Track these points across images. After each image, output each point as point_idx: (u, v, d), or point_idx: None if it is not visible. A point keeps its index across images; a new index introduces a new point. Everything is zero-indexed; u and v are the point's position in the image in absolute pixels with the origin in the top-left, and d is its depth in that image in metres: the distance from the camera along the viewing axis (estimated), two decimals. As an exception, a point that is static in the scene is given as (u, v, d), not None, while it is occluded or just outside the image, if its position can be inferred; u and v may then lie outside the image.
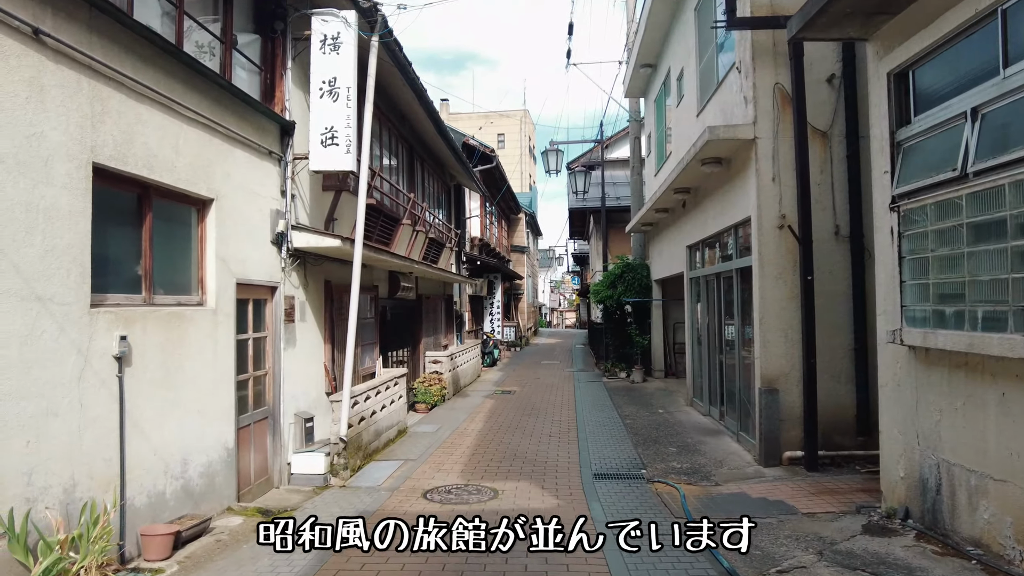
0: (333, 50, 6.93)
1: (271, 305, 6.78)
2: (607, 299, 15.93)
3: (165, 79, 4.88)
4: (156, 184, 4.86)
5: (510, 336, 25.43)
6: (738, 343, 8.48)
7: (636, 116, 17.28)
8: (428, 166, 13.87)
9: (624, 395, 13.02)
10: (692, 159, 8.37)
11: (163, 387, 4.83)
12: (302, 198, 7.37)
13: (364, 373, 9.23)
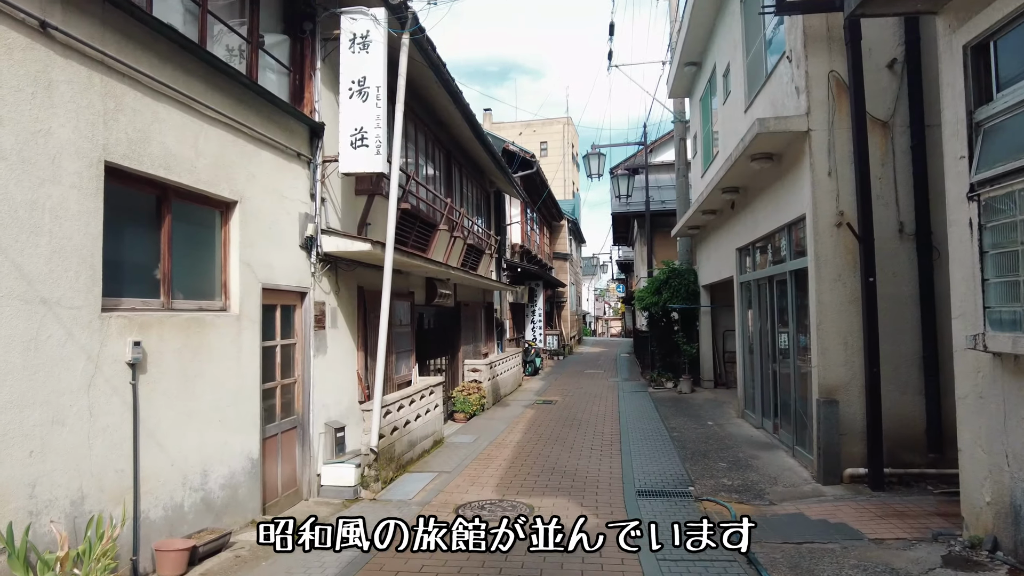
0: (362, 49, 6.75)
1: (300, 311, 6.61)
2: (652, 306, 15.40)
3: (184, 77, 4.74)
4: (175, 185, 4.71)
5: (553, 344, 25.00)
6: (793, 351, 7.92)
7: (681, 117, 16.75)
8: (467, 172, 13.68)
9: (671, 406, 12.47)
10: (741, 155, 7.88)
11: (182, 395, 4.65)
12: (333, 202, 7.20)
13: (399, 381, 9.00)
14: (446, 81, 9.04)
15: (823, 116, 6.83)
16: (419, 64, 8.54)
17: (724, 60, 11.33)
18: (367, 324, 7.94)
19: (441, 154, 11.83)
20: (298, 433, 6.53)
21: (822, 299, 6.75)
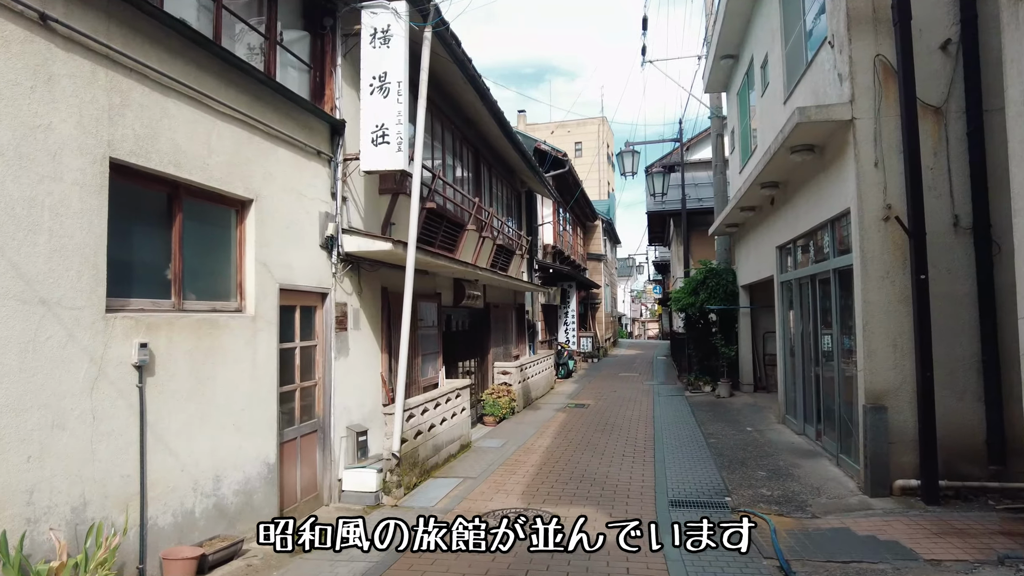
0: (383, 43, 6.59)
1: (321, 312, 6.47)
2: (689, 307, 14.94)
3: (196, 73, 4.63)
4: (186, 183, 4.60)
5: (587, 347, 24.61)
6: (836, 354, 7.46)
7: (718, 112, 16.25)
8: (496, 171, 13.47)
9: (708, 411, 12.03)
10: (780, 147, 7.48)
11: (193, 398, 4.53)
12: (356, 201, 7.06)
13: (425, 384, 8.83)
14: (472, 77, 8.84)
15: (868, 103, 6.40)
16: (444, 60, 8.36)
17: (762, 51, 10.88)
18: (391, 326, 7.78)
19: (469, 153, 11.64)
20: (319, 437, 6.39)
21: (869, 298, 6.32)
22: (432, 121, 9.52)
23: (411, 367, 8.25)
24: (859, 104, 6.42)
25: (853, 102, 6.44)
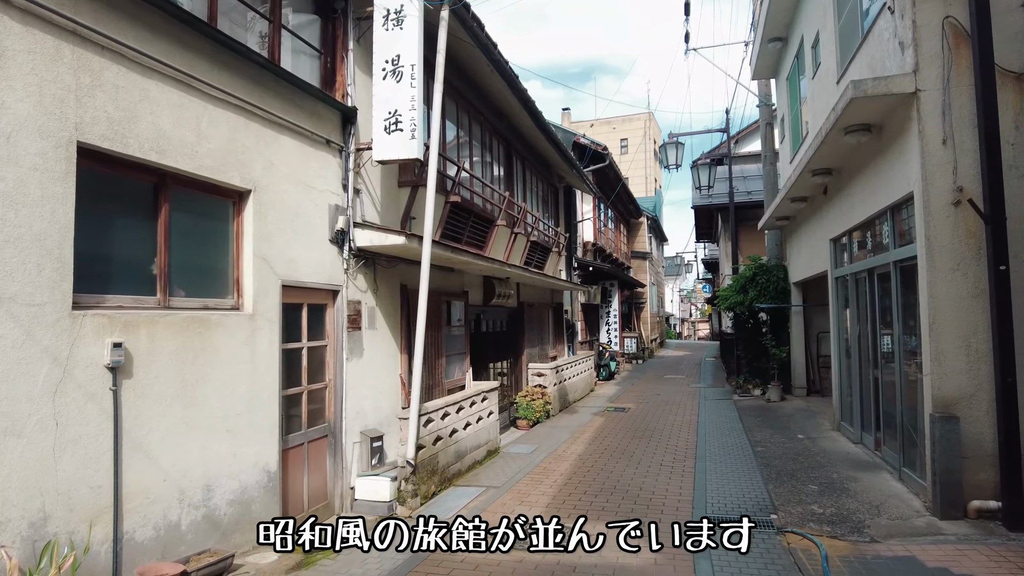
0: (396, 25, 6.21)
1: (332, 311, 6.13)
2: (737, 305, 14.12)
3: (183, 53, 4.32)
4: (173, 171, 4.30)
5: (631, 348, 23.85)
6: (898, 355, 6.70)
7: (766, 100, 15.36)
8: (531, 166, 13.00)
9: (757, 416, 11.25)
10: (832, 127, 6.77)
11: (179, 402, 4.22)
12: (371, 194, 6.71)
13: (451, 386, 8.43)
14: (497, 62, 8.39)
15: (935, 72, 5.66)
16: (467, 45, 7.95)
17: (812, 29, 10.09)
18: (412, 325, 7.39)
19: (500, 146, 11.20)
20: (329, 442, 6.05)
21: (936, 293, 5.58)
22: (458, 112, 9.13)
23: (433, 369, 7.86)
24: (924, 74, 5.69)
25: (917, 72, 5.71)
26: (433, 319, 7.97)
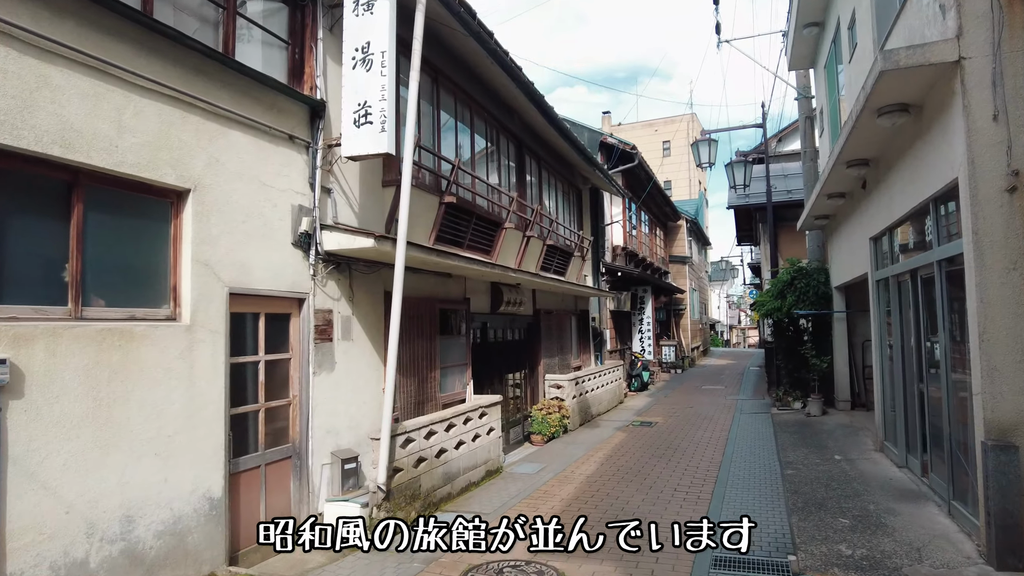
0: (367, 10, 5.72)
1: (297, 321, 5.65)
2: (774, 312, 13.12)
3: (98, 37, 3.90)
4: (86, 168, 3.87)
5: (669, 356, 22.83)
6: (945, 368, 5.80)
7: (805, 92, 14.35)
8: (548, 166, 12.37)
9: (794, 432, 10.30)
10: (863, 109, 5.95)
11: (90, 424, 3.77)
12: (347, 194, 6.22)
13: (447, 401, 7.85)
14: (493, 51, 7.81)
15: (983, 36, 4.81)
16: (461, 36, 7.42)
17: (848, 9, 9.19)
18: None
19: (511, 145, 10.62)
20: (293, 464, 5.55)
21: (987, 297, 4.71)
22: (457, 107, 8.59)
23: (425, 382, 7.30)
24: (969, 38, 4.84)
25: (960, 37, 4.87)
26: (426, 328, 7.43)
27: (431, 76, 7.86)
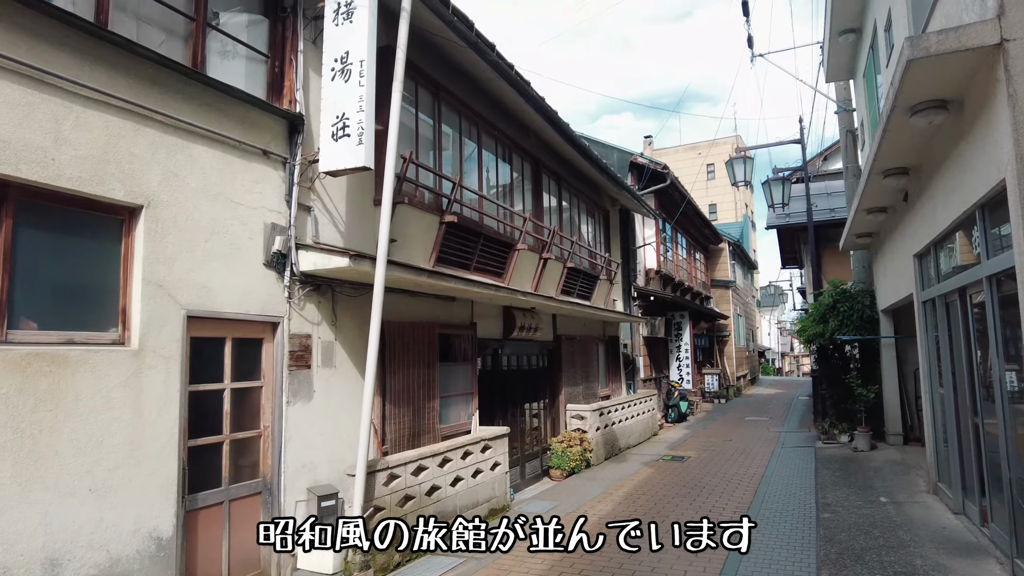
0: (346, 19, 5.45)
1: (271, 346, 5.30)
2: (816, 337, 12.22)
3: (31, 44, 3.69)
4: (12, 180, 3.62)
5: (712, 385, 21.78)
6: (1001, 400, 5.02)
7: (846, 105, 13.56)
8: (570, 186, 11.92)
9: (837, 469, 9.39)
10: (894, 108, 5.33)
11: (8, 458, 3.45)
12: (331, 212, 5.91)
13: (449, 432, 7.37)
14: (495, 64, 7.47)
15: (1026, 15, 4.18)
16: (462, 50, 7.12)
17: (883, 9, 8.54)
18: (388, 362, 6.46)
19: (526, 164, 10.24)
20: (264, 501, 5.15)
21: (1043, 315, 4.00)
22: (462, 123, 8.28)
23: (420, 412, 6.86)
24: (1013, 17, 4.21)
25: (1002, 16, 4.24)
26: (424, 354, 7.01)
27: (431, 91, 7.57)
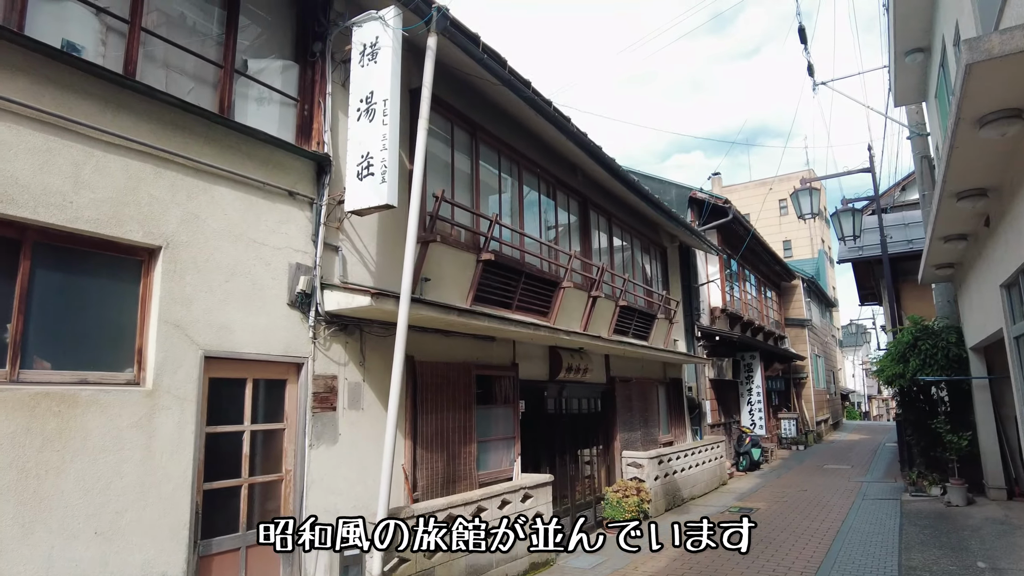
0: (371, 60, 5.50)
1: (294, 388, 5.22)
2: (896, 379, 11.22)
3: (54, 92, 3.82)
4: (31, 223, 3.72)
5: (789, 431, 20.43)
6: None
7: (919, 129, 12.73)
8: (620, 223, 11.61)
9: (926, 527, 8.42)
10: (958, 120, 4.89)
11: (9, 498, 3.44)
12: (360, 252, 5.88)
13: (488, 479, 7.06)
14: (531, 100, 7.38)
15: (1100, 6, 3.69)
16: (492, 84, 7.09)
17: (950, 22, 7.97)
18: (420, 405, 6.28)
19: (572, 201, 10.05)
20: (284, 548, 4.98)
21: None
22: (501, 162, 8.20)
23: (455, 457, 6.60)
24: (1081, 12, 3.74)
25: (1070, 11, 3.78)
26: (459, 397, 6.79)
27: (468, 131, 7.55)
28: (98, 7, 4.37)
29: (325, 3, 5.80)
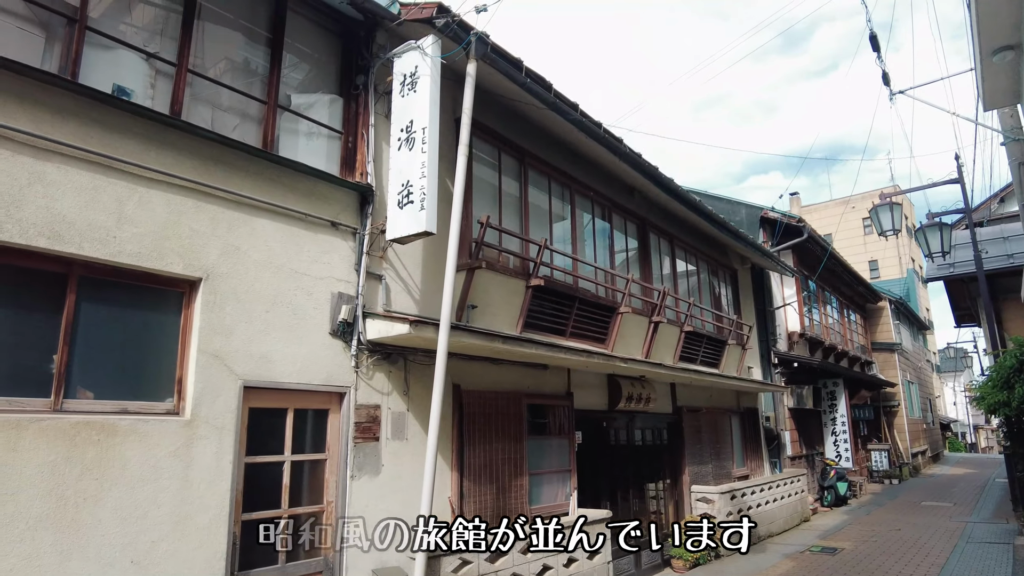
0: (411, 89, 5.53)
1: (337, 417, 5.19)
2: (1000, 407, 10.13)
3: (100, 133, 4.00)
4: (76, 259, 3.87)
5: (881, 464, 18.94)
6: None
7: (1015, 134, 11.69)
8: (684, 244, 11.20)
9: (1040, 575, 7.46)
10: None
11: (48, 525, 3.51)
12: (405, 280, 5.86)
13: (541, 513, 6.78)
14: (579, 122, 7.23)
15: None
16: (538, 109, 7.00)
17: (1042, 13, 7.27)
18: (466, 435, 6.13)
19: (630, 224, 9.77)
20: (325, 582, 4.91)
21: None
22: (551, 185, 8.08)
23: (505, 490, 6.39)
24: None
25: None
26: (510, 428, 6.61)
27: (516, 156, 7.48)
28: (148, 52, 4.59)
29: (368, 37, 5.91)
